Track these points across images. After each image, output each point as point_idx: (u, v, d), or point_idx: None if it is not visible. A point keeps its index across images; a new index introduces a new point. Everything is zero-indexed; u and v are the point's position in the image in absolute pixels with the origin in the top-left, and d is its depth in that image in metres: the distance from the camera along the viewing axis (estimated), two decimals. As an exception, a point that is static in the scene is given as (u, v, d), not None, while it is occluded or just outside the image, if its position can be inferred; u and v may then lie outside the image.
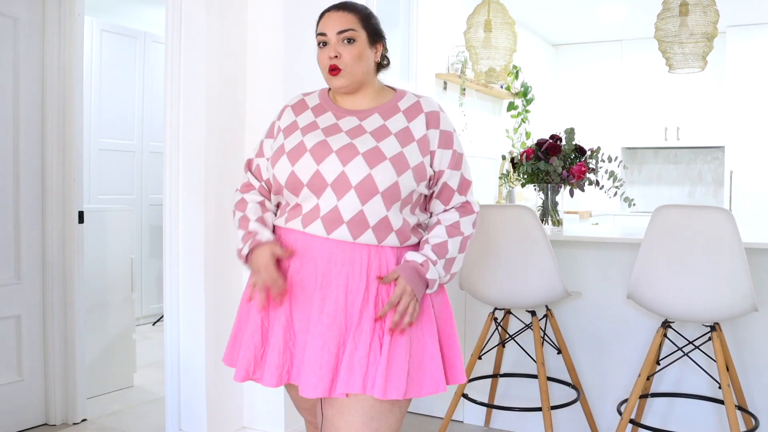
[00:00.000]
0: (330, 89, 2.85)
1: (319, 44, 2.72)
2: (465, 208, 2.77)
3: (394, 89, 2.83)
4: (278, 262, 2.65)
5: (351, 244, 2.57)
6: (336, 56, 2.66)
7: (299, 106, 2.80)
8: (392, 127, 2.66)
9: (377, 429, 2.56)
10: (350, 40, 2.67)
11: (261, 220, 2.75)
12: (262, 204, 2.80)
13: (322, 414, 2.66)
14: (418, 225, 2.74)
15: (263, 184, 2.83)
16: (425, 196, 2.75)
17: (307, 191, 2.59)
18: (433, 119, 2.71)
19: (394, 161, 2.57)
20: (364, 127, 2.66)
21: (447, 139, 2.72)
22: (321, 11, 2.78)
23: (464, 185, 2.77)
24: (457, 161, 2.74)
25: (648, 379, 4.15)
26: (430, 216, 2.81)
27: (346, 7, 2.72)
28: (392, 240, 2.62)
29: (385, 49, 2.83)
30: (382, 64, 2.83)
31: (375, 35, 2.75)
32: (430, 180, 2.71)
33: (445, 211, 2.76)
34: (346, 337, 2.54)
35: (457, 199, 2.76)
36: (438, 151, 2.69)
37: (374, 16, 2.79)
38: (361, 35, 2.69)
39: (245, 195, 2.83)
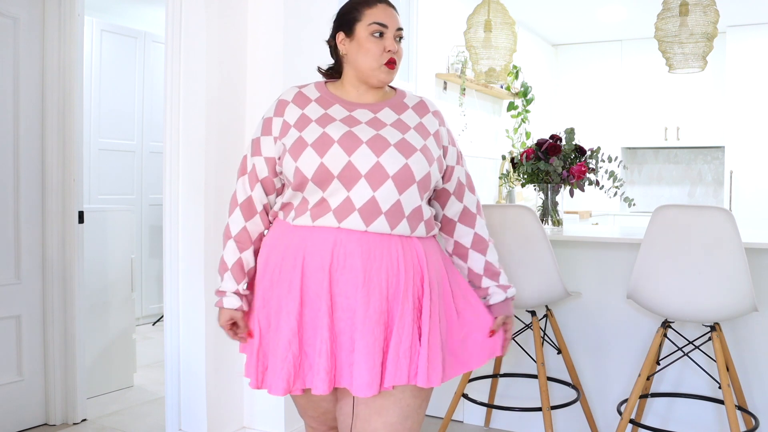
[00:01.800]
0: (326, 82, 2.84)
1: (373, 33, 2.69)
2: (481, 210, 2.93)
3: (393, 88, 2.88)
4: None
5: (387, 237, 2.58)
6: (395, 51, 2.70)
7: (300, 99, 2.75)
8: (408, 121, 2.71)
9: (410, 427, 2.63)
10: (401, 39, 2.75)
11: (236, 267, 2.78)
12: (243, 234, 2.79)
13: (353, 413, 2.66)
14: (433, 217, 2.79)
15: (257, 190, 2.78)
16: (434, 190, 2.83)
17: (338, 183, 2.55)
18: (439, 117, 2.82)
19: (423, 152, 2.63)
20: (381, 120, 2.67)
21: (451, 137, 2.85)
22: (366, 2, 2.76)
23: (470, 181, 2.91)
24: (461, 158, 2.87)
25: (648, 379, 4.15)
26: (445, 221, 2.90)
27: (394, 8, 2.78)
28: (421, 230, 2.66)
29: None
30: None
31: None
32: (444, 173, 2.81)
33: (469, 215, 2.89)
34: (389, 331, 2.55)
35: (469, 198, 2.88)
36: (449, 148, 2.81)
37: None
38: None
39: (230, 219, 2.82)
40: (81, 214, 4.97)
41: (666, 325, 3.99)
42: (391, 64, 2.69)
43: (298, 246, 2.61)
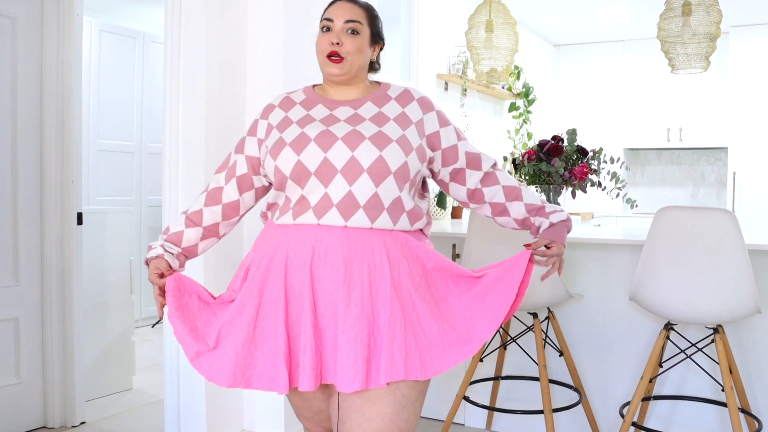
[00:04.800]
0: (315, 86, 2.91)
1: (322, 29, 2.77)
2: (498, 167, 2.93)
3: (378, 82, 2.92)
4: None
5: (368, 231, 2.60)
6: (338, 43, 2.71)
7: (286, 103, 2.84)
8: (389, 113, 2.74)
9: (407, 419, 2.62)
10: (354, 32, 2.74)
11: (174, 236, 2.87)
12: (196, 215, 2.88)
13: (339, 411, 2.66)
14: (420, 210, 2.80)
15: (230, 185, 2.86)
16: (423, 181, 2.86)
17: (315, 180, 2.60)
18: (425, 104, 2.83)
19: (400, 142, 2.65)
20: (361, 115, 2.72)
21: (443, 118, 2.86)
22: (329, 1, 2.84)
23: (478, 150, 2.91)
24: (459, 133, 2.88)
25: (650, 381, 4.15)
26: (470, 194, 2.91)
27: (356, 1, 2.80)
28: (404, 222, 2.67)
29: (380, 52, 2.92)
30: (374, 67, 2.91)
31: (377, 36, 2.85)
32: (430, 161, 2.82)
33: (490, 177, 2.89)
34: (374, 327, 2.55)
35: (486, 162, 2.90)
36: (441, 131, 2.81)
37: (379, 19, 2.88)
38: (365, 31, 2.77)
39: (199, 197, 2.92)
40: (80, 216, 4.97)
41: (669, 327, 4.00)
42: (334, 57, 2.72)
43: (281, 245, 2.66)
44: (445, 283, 2.77)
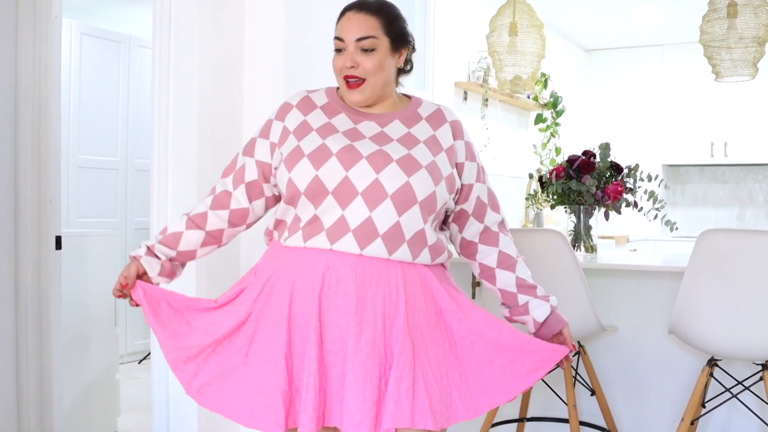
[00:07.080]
0: (338, 88, 2.85)
1: (336, 49, 2.73)
2: (506, 228, 2.92)
3: (408, 96, 2.88)
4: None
5: (385, 262, 2.59)
6: (353, 66, 2.67)
7: (305, 104, 2.79)
8: (419, 135, 2.71)
9: None
10: (369, 49, 2.68)
11: (171, 237, 2.87)
12: (200, 217, 2.87)
13: None
14: (443, 244, 2.78)
15: (239, 191, 2.83)
16: (445, 213, 2.83)
17: (332, 200, 2.58)
18: (457, 129, 2.81)
19: (429, 169, 2.63)
20: (388, 134, 2.69)
21: (471, 152, 2.83)
22: (344, 7, 2.77)
23: (493, 199, 2.90)
24: (482, 174, 2.86)
25: (692, 423, 4.14)
26: (464, 244, 2.90)
27: (368, 9, 2.72)
28: (425, 257, 2.66)
29: (412, 52, 2.85)
30: (404, 70, 2.85)
31: (399, 41, 2.77)
32: (457, 193, 2.79)
33: (490, 234, 2.87)
34: (386, 366, 2.54)
35: (492, 217, 2.87)
36: (466, 164, 2.80)
37: (400, 18, 2.79)
38: (383, 42, 2.71)
39: (204, 200, 2.92)
40: (58, 240, 4.98)
41: (712, 363, 3.99)
42: (351, 82, 2.70)
43: (288, 269, 2.65)
44: (464, 330, 2.73)
